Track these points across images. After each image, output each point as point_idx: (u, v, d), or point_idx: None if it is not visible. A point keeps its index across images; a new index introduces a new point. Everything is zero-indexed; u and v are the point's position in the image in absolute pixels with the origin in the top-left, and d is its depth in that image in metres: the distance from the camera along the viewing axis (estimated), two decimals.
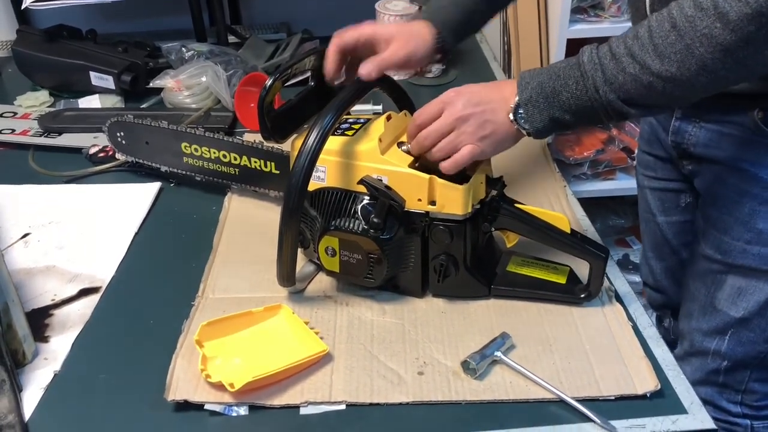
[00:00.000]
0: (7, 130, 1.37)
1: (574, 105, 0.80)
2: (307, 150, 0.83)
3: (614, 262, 0.97)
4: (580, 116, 0.81)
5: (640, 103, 0.78)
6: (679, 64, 0.73)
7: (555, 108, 0.81)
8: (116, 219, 1.13)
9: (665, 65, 0.74)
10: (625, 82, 0.77)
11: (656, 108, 0.85)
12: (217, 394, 0.80)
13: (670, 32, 0.73)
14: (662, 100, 0.78)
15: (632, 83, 0.76)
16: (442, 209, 0.87)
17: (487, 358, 0.83)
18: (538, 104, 0.82)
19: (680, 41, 0.72)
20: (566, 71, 0.80)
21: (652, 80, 0.75)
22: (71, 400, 0.83)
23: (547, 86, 0.81)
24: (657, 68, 0.74)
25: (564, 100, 0.80)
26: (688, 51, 0.72)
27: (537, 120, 0.82)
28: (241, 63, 1.50)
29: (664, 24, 0.74)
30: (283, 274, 0.90)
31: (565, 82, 0.80)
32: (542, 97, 0.81)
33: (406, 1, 1.55)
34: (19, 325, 0.87)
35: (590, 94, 0.79)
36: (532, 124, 0.83)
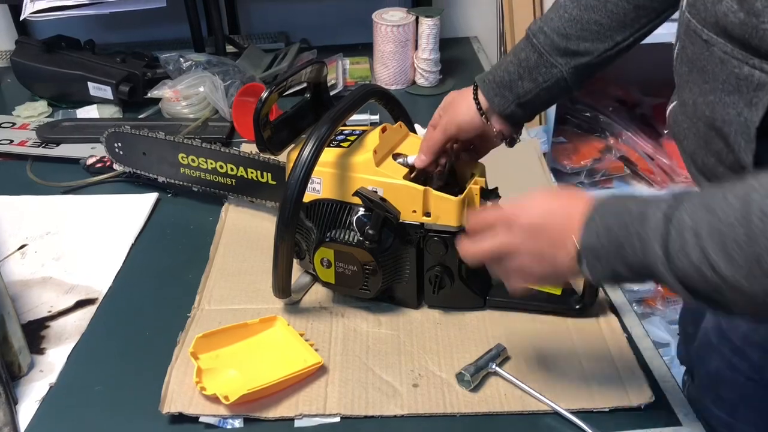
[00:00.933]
0: (5, 141, 1.37)
1: (637, 267, 0.62)
2: (302, 162, 0.84)
3: None
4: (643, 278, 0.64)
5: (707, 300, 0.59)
6: (746, 273, 0.54)
7: (618, 260, 0.63)
8: (113, 230, 1.13)
9: (728, 268, 0.55)
10: (686, 267, 0.58)
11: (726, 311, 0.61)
12: (212, 407, 0.80)
13: (740, 226, 0.54)
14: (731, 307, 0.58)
15: (695, 274, 0.57)
16: (437, 221, 0.87)
17: (481, 370, 0.83)
18: (598, 257, 0.64)
19: (749, 244, 0.53)
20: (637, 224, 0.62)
21: (714, 279, 0.56)
22: (67, 412, 0.83)
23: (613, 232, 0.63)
24: (723, 270, 0.55)
25: (628, 257, 0.62)
26: (757, 261, 0.53)
27: (598, 272, 0.65)
28: (239, 73, 1.50)
29: (736, 209, 0.55)
30: (279, 285, 0.90)
31: (630, 239, 0.62)
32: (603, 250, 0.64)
33: (403, 12, 1.55)
34: (15, 338, 0.87)
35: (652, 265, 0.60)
36: (594, 275, 0.66)
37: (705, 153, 0.71)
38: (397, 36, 1.52)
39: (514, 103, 0.86)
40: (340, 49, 1.68)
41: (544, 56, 0.84)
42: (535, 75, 0.85)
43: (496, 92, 0.86)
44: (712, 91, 0.67)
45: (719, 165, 0.70)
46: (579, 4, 0.83)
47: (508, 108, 0.86)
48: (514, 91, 0.86)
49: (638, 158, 1.76)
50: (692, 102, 0.71)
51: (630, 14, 0.82)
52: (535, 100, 0.87)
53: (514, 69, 0.86)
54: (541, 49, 0.84)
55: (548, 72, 0.85)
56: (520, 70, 0.85)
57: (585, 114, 1.82)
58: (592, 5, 0.82)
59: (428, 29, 1.52)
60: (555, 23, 0.83)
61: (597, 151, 1.75)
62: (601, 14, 0.82)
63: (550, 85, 0.85)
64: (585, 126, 1.82)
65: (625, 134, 1.78)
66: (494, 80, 0.87)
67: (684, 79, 0.72)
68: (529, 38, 0.86)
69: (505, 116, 0.87)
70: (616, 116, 1.82)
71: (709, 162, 0.71)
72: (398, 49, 1.54)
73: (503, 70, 0.86)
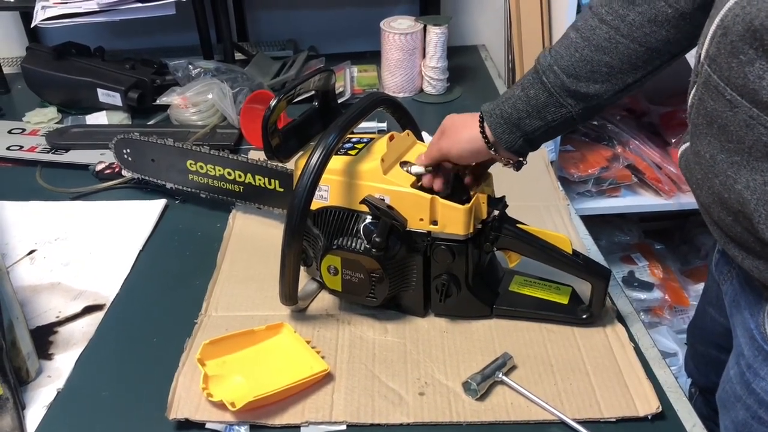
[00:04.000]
0: (15, 147, 1.38)
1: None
2: (310, 169, 0.84)
3: (619, 280, 0.97)
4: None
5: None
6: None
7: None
8: (121, 236, 1.14)
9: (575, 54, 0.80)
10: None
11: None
12: (218, 413, 0.80)
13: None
14: None
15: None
16: (444, 229, 0.87)
17: (488, 379, 0.83)
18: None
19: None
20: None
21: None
22: (74, 418, 0.83)
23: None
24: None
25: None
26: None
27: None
28: (248, 80, 1.51)
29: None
30: (286, 292, 0.90)
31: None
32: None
33: (411, 20, 1.56)
34: (23, 343, 0.88)
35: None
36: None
37: (720, 209, 0.70)
38: (405, 44, 1.52)
39: (521, 138, 0.85)
40: (347, 56, 1.69)
41: (554, 96, 0.82)
42: (544, 114, 0.83)
43: (504, 129, 0.84)
44: (736, 151, 0.65)
45: (737, 225, 0.68)
46: (590, 44, 0.79)
47: (516, 143, 0.85)
48: (522, 128, 0.84)
49: (646, 167, 1.76)
50: (710, 156, 0.69)
51: (642, 57, 0.78)
52: (542, 135, 0.85)
53: (522, 107, 0.83)
54: (551, 89, 0.81)
55: (557, 111, 0.83)
56: (528, 108, 0.83)
57: (592, 122, 1.82)
58: (603, 46, 0.79)
59: (436, 37, 1.52)
60: (565, 62, 0.81)
61: (604, 160, 1.75)
62: (612, 56, 0.78)
63: (559, 122, 0.83)
64: (592, 134, 1.81)
65: (632, 143, 1.78)
66: (502, 116, 0.84)
67: (701, 130, 0.70)
68: (539, 74, 0.83)
69: (513, 151, 0.86)
70: (623, 125, 1.82)
71: (726, 219, 0.69)
72: (406, 57, 1.54)
73: (511, 106, 0.84)
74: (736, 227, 0.69)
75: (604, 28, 0.78)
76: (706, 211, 0.73)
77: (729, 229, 0.70)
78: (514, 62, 1.75)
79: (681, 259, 2.06)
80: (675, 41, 0.77)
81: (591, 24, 0.79)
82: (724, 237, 0.73)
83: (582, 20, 0.81)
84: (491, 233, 0.90)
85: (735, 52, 0.61)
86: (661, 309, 1.85)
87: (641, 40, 0.77)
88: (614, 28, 0.77)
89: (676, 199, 1.74)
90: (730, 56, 0.62)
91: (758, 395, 0.79)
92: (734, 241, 0.72)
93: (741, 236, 0.69)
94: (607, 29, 0.78)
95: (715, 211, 0.71)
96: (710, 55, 0.65)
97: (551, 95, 0.82)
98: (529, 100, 0.83)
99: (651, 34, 0.77)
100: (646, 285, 1.89)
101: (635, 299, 0.94)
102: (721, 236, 0.73)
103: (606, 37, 0.78)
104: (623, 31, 0.77)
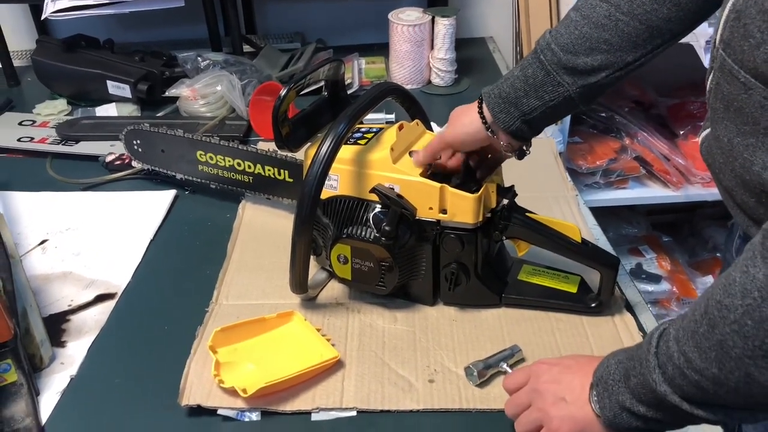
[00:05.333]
0: (26, 138, 1.39)
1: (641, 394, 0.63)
2: (320, 159, 0.84)
3: (627, 271, 0.97)
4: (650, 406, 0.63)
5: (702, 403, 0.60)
6: (718, 364, 0.55)
7: (620, 395, 0.65)
8: (132, 226, 1.15)
9: (705, 363, 0.56)
10: (675, 376, 0.59)
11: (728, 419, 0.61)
12: (230, 400, 0.81)
13: (702, 318, 0.57)
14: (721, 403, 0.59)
15: (680, 377, 0.59)
16: (454, 218, 0.88)
17: (491, 368, 0.83)
18: (607, 389, 0.66)
19: (712, 334, 0.56)
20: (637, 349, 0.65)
21: (698, 378, 0.57)
22: (87, 404, 0.84)
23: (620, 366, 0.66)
24: (698, 364, 0.57)
25: (632, 386, 0.64)
26: (722, 349, 0.55)
27: (606, 407, 0.66)
28: (256, 72, 1.51)
29: (700, 305, 0.57)
30: (296, 281, 0.91)
31: (633, 364, 0.64)
32: (611, 379, 0.66)
33: (419, 11, 1.56)
34: (36, 330, 0.89)
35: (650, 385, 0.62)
36: (602, 411, 0.66)
37: (743, 191, 0.70)
38: (413, 36, 1.53)
39: (519, 119, 0.84)
40: (355, 48, 1.69)
41: (551, 74, 0.81)
42: (542, 93, 0.82)
43: (501, 108, 0.84)
44: (752, 133, 0.66)
45: (760, 206, 0.68)
46: (589, 21, 0.78)
47: (513, 124, 0.84)
48: (520, 108, 0.83)
49: (654, 159, 1.76)
50: (728, 140, 0.69)
51: (642, 35, 0.77)
52: (541, 117, 0.84)
53: (520, 85, 0.82)
54: (548, 67, 0.80)
55: (555, 90, 0.81)
56: (526, 87, 0.82)
57: (601, 114, 1.82)
58: (603, 24, 0.77)
59: (444, 29, 1.53)
60: (564, 39, 0.80)
61: (612, 151, 1.75)
62: (612, 33, 0.77)
63: (556, 103, 0.82)
64: (601, 126, 1.81)
65: (640, 134, 1.77)
66: (500, 95, 0.84)
67: (719, 115, 0.70)
68: (536, 53, 0.82)
69: (510, 132, 0.85)
70: (631, 116, 1.82)
71: (749, 201, 0.69)
72: (414, 48, 1.54)
73: (509, 85, 0.84)
74: (759, 209, 0.69)
75: (605, 6, 0.77)
76: (730, 195, 0.73)
77: (752, 212, 0.70)
78: (523, 54, 1.75)
79: (689, 251, 2.06)
80: (676, 20, 0.76)
81: (591, 2, 0.79)
82: (748, 220, 0.73)
83: (583, 0, 0.81)
84: (500, 222, 0.90)
85: (746, 35, 0.61)
86: (669, 301, 1.85)
87: (642, 17, 0.76)
88: (614, 6, 0.77)
89: (684, 191, 1.74)
90: (742, 39, 0.62)
91: None
92: (758, 224, 0.72)
93: (765, 217, 0.69)
94: (608, 6, 0.77)
95: (738, 194, 0.71)
96: (724, 39, 0.65)
97: (548, 73, 0.81)
98: (526, 79, 0.82)
99: (652, 11, 0.76)
100: (653, 277, 1.89)
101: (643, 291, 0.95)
102: (744, 219, 0.73)
103: (606, 14, 0.77)
104: (623, 8, 0.76)
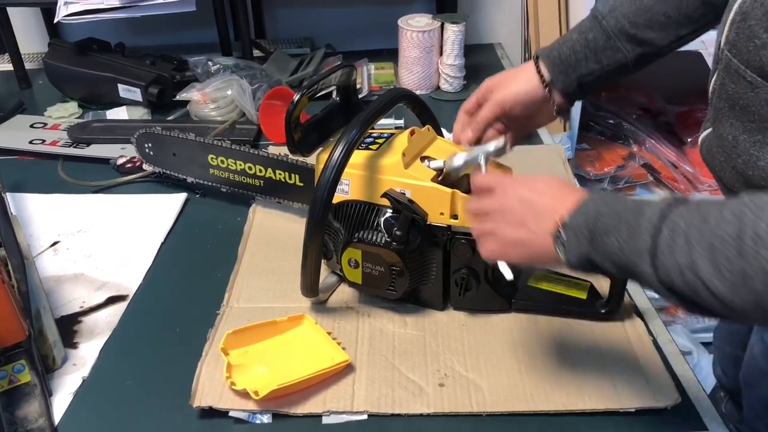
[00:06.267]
0: (37, 141, 1.40)
1: (615, 257, 0.64)
2: (332, 164, 0.85)
3: None
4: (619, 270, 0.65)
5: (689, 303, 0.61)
6: (731, 286, 0.56)
7: (593, 249, 0.65)
8: (143, 228, 1.15)
9: (715, 278, 0.56)
10: (669, 269, 0.59)
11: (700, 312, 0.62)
12: (241, 402, 0.81)
13: (732, 242, 0.55)
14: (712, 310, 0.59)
15: (677, 274, 0.59)
16: (464, 223, 0.88)
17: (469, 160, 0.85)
18: (579, 236, 0.65)
19: (739, 261, 0.55)
20: (630, 215, 0.63)
21: (698, 285, 0.58)
22: (99, 405, 0.85)
23: (600, 221, 0.64)
24: (705, 275, 0.57)
25: (608, 246, 0.64)
26: (743, 278, 0.55)
27: (573, 252, 0.66)
28: (266, 77, 1.52)
29: (731, 225, 0.56)
30: (307, 284, 0.91)
31: (619, 226, 0.63)
32: (586, 229, 0.65)
33: (428, 18, 1.57)
34: (49, 331, 0.89)
35: (637, 258, 0.62)
36: (567, 254, 0.67)
37: (745, 189, 0.71)
38: (422, 41, 1.53)
39: (576, 81, 0.88)
40: (364, 54, 1.70)
41: (612, 40, 0.85)
42: (601, 57, 0.87)
43: (561, 69, 0.88)
44: (759, 130, 0.68)
45: None
46: None
47: (572, 86, 0.89)
48: (578, 70, 0.88)
49: (662, 166, 1.76)
50: (732, 138, 0.71)
51: (698, 9, 0.83)
52: (596, 80, 0.89)
53: (580, 49, 0.87)
54: (610, 33, 0.85)
55: (614, 56, 0.86)
56: (586, 51, 0.87)
57: (609, 121, 1.82)
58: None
59: (453, 35, 1.53)
60: (626, 8, 0.84)
61: (620, 158, 1.75)
62: (671, 7, 0.83)
63: (613, 68, 0.87)
64: (608, 133, 1.82)
65: (648, 142, 1.78)
66: (559, 57, 0.88)
67: (724, 114, 0.72)
68: (597, 19, 0.86)
69: (567, 93, 0.89)
70: (639, 123, 1.82)
71: None
72: (423, 54, 1.55)
73: (569, 48, 0.88)
74: None
75: None
76: (730, 192, 0.74)
77: None
78: None
79: None
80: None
81: None
82: None
83: None
84: None
85: (752, 36, 0.63)
86: (676, 308, 1.85)
87: None
88: None
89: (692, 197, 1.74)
90: (748, 40, 0.64)
91: None
92: None
93: None
94: None
95: (739, 192, 0.71)
96: (730, 40, 0.66)
97: (609, 38, 0.85)
98: (587, 43, 0.86)
99: None
100: None
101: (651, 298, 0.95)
102: None
103: None
104: None
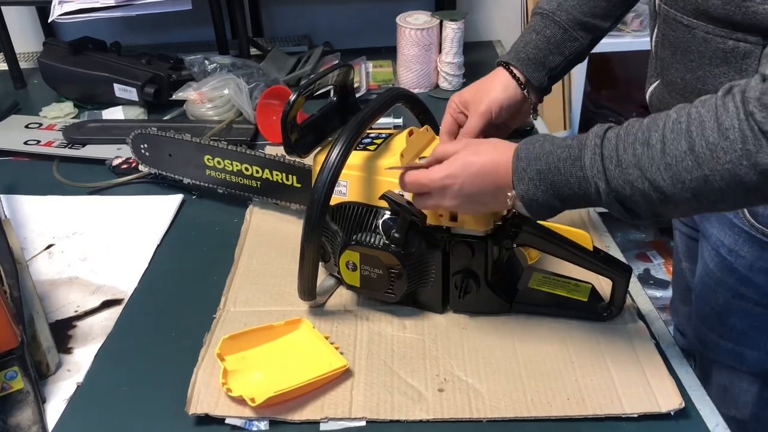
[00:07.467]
0: (32, 141, 1.39)
1: (575, 201, 0.74)
2: (329, 165, 0.84)
3: (635, 277, 0.96)
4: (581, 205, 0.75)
5: (647, 215, 0.71)
6: (694, 192, 0.65)
7: (555, 199, 0.74)
8: (139, 230, 1.14)
9: (678, 190, 0.65)
10: (633, 195, 0.69)
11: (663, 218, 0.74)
12: (238, 408, 0.80)
13: (687, 155, 0.64)
14: (672, 215, 0.72)
15: (641, 199, 0.68)
16: (464, 225, 0.87)
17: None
18: (537, 196, 0.74)
19: (698, 170, 0.64)
20: (567, 166, 0.72)
21: (662, 200, 0.67)
22: (94, 411, 0.83)
23: (546, 178, 0.73)
24: (669, 191, 0.66)
25: (565, 196, 0.73)
26: (706, 182, 0.64)
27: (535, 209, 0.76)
28: (263, 75, 1.51)
29: (681, 141, 0.64)
30: (304, 287, 0.90)
31: (566, 179, 0.72)
32: (541, 190, 0.74)
33: (426, 15, 1.55)
34: (43, 337, 0.88)
35: (593, 197, 0.72)
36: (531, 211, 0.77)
37: None
38: (421, 39, 1.52)
39: (546, 76, 0.96)
40: (363, 52, 1.68)
41: (568, 32, 0.95)
42: (563, 49, 0.96)
43: (534, 68, 0.95)
44: (700, 66, 0.80)
45: None
46: None
47: (543, 81, 0.96)
48: (547, 65, 0.96)
49: None
50: (680, 79, 0.83)
51: None
52: (562, 71, 0.98)
53: (544, 46, 0.95)
54: (565, 26, 0.95)
55: (572, 45, 0.96)
56: (549, 47, 0.95)
57: (609, 119, 1.81)
58: None
59: (452, 33, 1.52)
60: (570, 2, 0.95)
61: None
62: None
63: (574, 56, 0.97)
64: None
65: None
66: (528, 58, 0.95)
67: (668, 62, 0.85)
68: (549, 17, 0.95)
69: (540, 89, 0.97)
70: None
71: None
72: (422, 52, 1.54)
73: (533, 48, 0.95)
74: None
75: None
76: None
77: None
78: None
79: None
80: None
81: None
82: None
83: None
84: (511, 230, 0.89)
85: None
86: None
87: None
88: None
89: None
90: None
91: (740, 273, 0.95)
92: None
93: None
94: None
95: None
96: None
97: (566, 31, 0.95)
98: (547, 39, 0.95)
99: None
100: (661, 283, 1.88)
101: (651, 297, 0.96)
102: None
103: None
104: None
